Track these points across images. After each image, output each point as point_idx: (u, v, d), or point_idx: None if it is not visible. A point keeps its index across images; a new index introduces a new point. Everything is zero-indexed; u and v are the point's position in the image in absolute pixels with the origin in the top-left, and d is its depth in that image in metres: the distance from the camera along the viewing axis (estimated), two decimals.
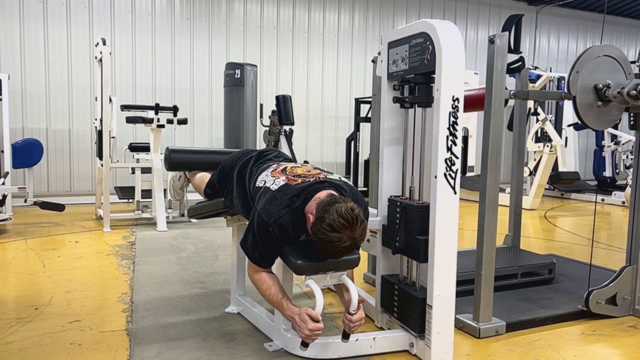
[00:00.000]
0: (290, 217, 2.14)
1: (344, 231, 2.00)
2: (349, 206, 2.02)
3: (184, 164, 3.09)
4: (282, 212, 2.13)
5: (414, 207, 2.31)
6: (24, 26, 6.71)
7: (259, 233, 2.16)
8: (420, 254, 2.26)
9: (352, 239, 2.03)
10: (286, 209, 2.14)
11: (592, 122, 2.79)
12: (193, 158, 3.11)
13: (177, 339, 2.49)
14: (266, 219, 2.13)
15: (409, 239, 2.33)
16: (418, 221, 2.27)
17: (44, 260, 3.95)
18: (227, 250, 4.36)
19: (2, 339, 2.45)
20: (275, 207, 2.14)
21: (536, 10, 10.22)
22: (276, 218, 2.12)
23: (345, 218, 1.99)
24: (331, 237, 2.00)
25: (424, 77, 2.29)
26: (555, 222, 6.28)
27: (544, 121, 7.19)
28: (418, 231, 2.27)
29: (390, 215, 2.50)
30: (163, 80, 7.47)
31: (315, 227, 2.03)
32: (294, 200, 2.16)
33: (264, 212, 2.14)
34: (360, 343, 2.33)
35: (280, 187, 2.21)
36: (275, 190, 2.20)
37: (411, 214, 2.32)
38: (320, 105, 8.48)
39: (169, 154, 2.96)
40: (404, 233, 2.37)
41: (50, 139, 6.90)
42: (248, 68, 6.32)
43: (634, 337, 2.66)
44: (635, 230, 2.90)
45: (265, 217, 2.13)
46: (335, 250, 2.05)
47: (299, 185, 2.21)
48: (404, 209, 2.36)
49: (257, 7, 7.97)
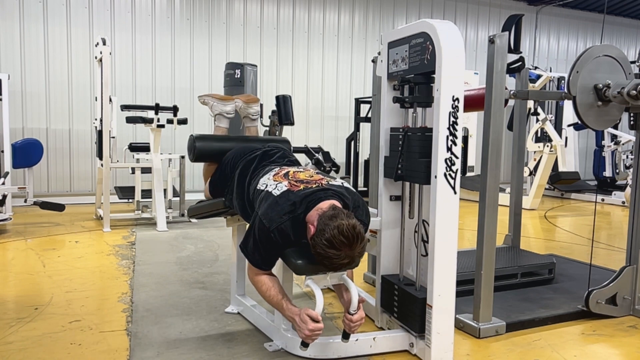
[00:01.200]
0: (292, 223, 2.13)
1: (343, 249, 1.99)
2: (350, 223, 1.99)
3: (212, 153, 2.70)
4: (283, 219, 2.12)
5: (416, 130, 2.33)
6: (24, 26, 6.71)
7: (259, 237, 2.16)
8: (422, 176, 2.27)
9: (351, 257, 2.03)
10: (288, 215, 2.13)
11: (592, 122, 2.79)
12: (222, 147, 2.71)
13: (177, 339, 2.49)
14: (267, 225, 2.12)
15: (411, 163, 2.34)
16: (420, 144, 2.28)
17: (44, 260, 3.96)
18: (227, 250, 4.36)
19: (2, 339, 2.45)
20: (277, 213, 2.13)
21: (536, 10, 10.22)
22: (278, 224, 2.12)
23: (345, 236, 1.97)
24: (329, 253, 1.99)
25: (424, 77, 2.30)
26: (555, 222, 6.29)
27: (544, 121, 7.19)
28: (420, 154, 2.28)
29: (392, 144, 2.50)
30: (163, 80, 7.47)
31: (315, 240, 2.02)
32: (296, 207, 2.14)
33: (266, 217, 2.13)
34: (360, 343, 2.33)
35: (282, 193, 2.19)
36: (277, 196, 2.18)
37: (413, 138, 2.33)
38: (320, 105, 8.48)
39: (194, 142, 2.63)
40: (406, 159, 2.38)
41: (50, 139, 6.90)
42: (248, 68, 6.32)
43: (634, 337, 2.66)
44: (635, 230, 2.90)
45: (266, 222, 2.12)
46: (332, 266, 2.06)
47: (302, 191, 2.19)
48: (406, 135, 2.37)
49: (257, 7, 7.97)
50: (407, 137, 2.37)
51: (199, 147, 2.67)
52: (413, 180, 2.39)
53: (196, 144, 2.66)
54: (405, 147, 2.37)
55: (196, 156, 2.70)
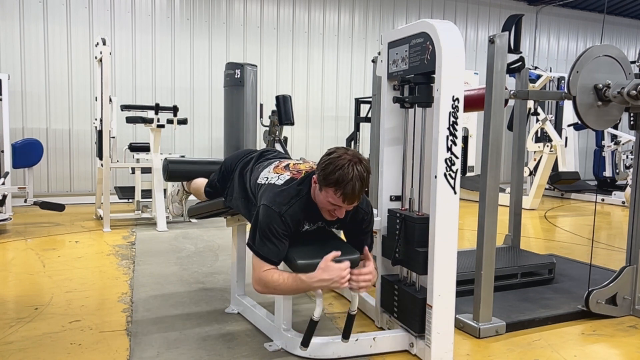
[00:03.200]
0: (300, 205, 2.16)
1: (352, 165, 2.01)
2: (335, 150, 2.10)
3: (182, 174, 3.13)
4: (292, 202, 2.14)
5: (414, 219, 2.31)
6: (24, 26, 6.71)
7: (269, 226, 2.10)
8: (419, 266, 2.26)
9: (360, 174, 2.02)
10: (295, 198, 2.16)
11: (592, 122, 2.79)
12: (191, 168, 3.15)
13: (177, 339, 2.49)
14: (277, 210, 2.11)
15: (409, 251, 2.33)
16: (418, 233, 2.27)
17: (44, 260, 3.96)
18: (227, 250, 4.36)
19: (2, 339, 2.45)
20: (283, 197, 2.15)
21: (536, 10, 10.22)
22: (287, 207, 2.13)
23: (337, 151, 2.07)
24: (339, 163, 2.01)
25: (424, 77, 2.29)
26: (555, 222, 6.28)
27: (544, 121, 7.19)
28: (418, 243, 2.26)
29: (390, 226, 2.49)
30: (163, 80, 7.47)
31: (321, 166, 2.05)
32: (301, 189, 2.18)
33: (274, 203, 2.13)
34: (360, 343, 2.33)
35: (286, 181, 2.23)
36: (281, 184, 2.22)
37: (411, 226, 2.32)
38: (320, 105, 8.48)
39: (167, 165, 3.02)
40: (403, 244, 2.37)
41: (50, 139, 6.90)
42: (248, 68, 6.31)
43: (634, 337, 2.66)
44: (635, 230, 2.90)
45: (276, 208, 2.12)
46: (345, 189, 2.01)
47: (303, 176, 2.25)
48: (404, 221, 2.36)
49: (257, 7, 7.97)
50: (405, 224, 2.35)
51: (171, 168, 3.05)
52: (411, 269, 2.38)
53: (169, 166, 3.04)
54: (403, 233, 2.37)
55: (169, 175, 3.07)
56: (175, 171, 3.08)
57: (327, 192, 2.06)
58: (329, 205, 2.11)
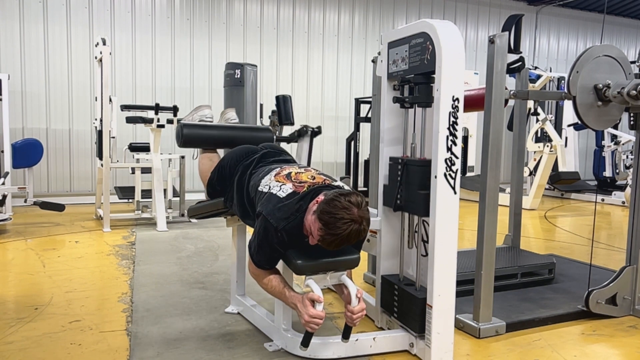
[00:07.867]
0: (299, 221, 2.16)
1: (352, 209, 2.02)
2: (351, 193, 2.10)
3: (198, 140, 2.91)
4: (291, 218, 2.15)
5: (416, 162, 2.33)
6: (24, 26, 6.71)
7: (265, 236, 2.17)
8: (421, 208, 2.27)
9: (361, 218, 2.03)
10: (295, 214, 2.16)
11: (592, 122, 2.79)
12: (207, 134, 2.93)
13: (177, 339, 2.49)
14: (275, 224, 2.13)
15: (410, 195, 2.34)
16: (419, 176, 2.28)
17: (44, 260, 3.95)
18: (227, 250, 4.36)
19: (2, 339, 2.45)
20: (284, 212, 2.15)
21: (536, 10, 10.22)
22: (286, 223, 2.14)
23: (350, 201, 2.04)
24: (339, 215, 2.00)
25: (424, 77, 2.29)
26: (555, 222, 6.28)
27: (544, 121, 7.19)
28: (419, 186, 2.28)
29: (392, 174, 2.51)
30: (163, 80, 7.47)
31: (321, 208, 2.04)
32: (301, 205, 2.18)
33: (273, 217, 2.15)
34: (360, 343, 2.33)
35: (288, 195, 2.21)
36: (283, 197, 2.21)
37: (412, 170, 2.33)
38: (320, 105, 8.48)
39: (181, 129, 2.80)
40: (405, 189, 2.38)
41: (50, 139, 6.90)
42: (248, 68, 6.30)
43: (634, 337, 2.66)
44: (635, 230, 2.90)
45: (274, 222, 2.14)
46: (344, 234, 2.02)
47: (306, 191, 2.23)
48: (405, 166, 2.38)
49: (257, 7, 7.97)
50: (406, 168, 2.37)
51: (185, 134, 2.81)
52: (412, 212, 2.40)
53: (184, 130, 2.80)
54: (404, 178, 2.38)
55: (184, 141, 2.81)
56: (190, 136, 2.82)
57: (316, 221, 2.07)
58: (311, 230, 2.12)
